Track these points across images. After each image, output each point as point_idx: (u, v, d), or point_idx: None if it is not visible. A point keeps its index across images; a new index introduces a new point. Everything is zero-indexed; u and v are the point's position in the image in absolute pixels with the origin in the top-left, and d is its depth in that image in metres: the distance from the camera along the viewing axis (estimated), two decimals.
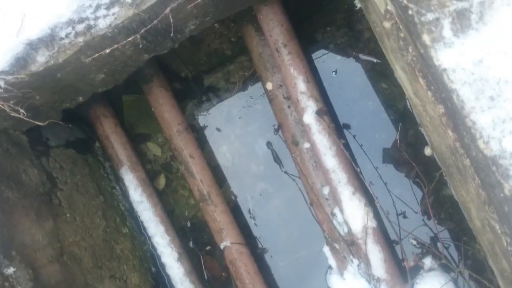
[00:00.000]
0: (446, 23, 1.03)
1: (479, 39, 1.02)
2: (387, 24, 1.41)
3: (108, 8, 1.82)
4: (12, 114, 1.98)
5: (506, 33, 1.00)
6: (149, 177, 2.82)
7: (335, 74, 2.72)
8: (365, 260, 2.32)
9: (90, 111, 2.72)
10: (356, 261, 2.38)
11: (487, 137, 1.02)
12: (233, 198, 2.84)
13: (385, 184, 2.67)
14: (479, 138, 1.02)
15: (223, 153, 2.88)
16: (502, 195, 1.04)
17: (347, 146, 2.57)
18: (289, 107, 2.55)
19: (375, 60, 2.65)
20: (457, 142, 1.41)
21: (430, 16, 1.03)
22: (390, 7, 1.37)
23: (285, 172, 2.75)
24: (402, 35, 1.43)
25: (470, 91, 1.02)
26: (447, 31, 1.03)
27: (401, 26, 1.31)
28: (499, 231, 1.44)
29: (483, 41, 1.02)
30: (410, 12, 1.04)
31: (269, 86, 2.58)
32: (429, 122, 1.68)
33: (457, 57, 1.03)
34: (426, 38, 1.03)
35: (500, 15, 1.00)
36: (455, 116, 1.07)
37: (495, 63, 1.02)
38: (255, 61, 2.61)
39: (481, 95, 1.02)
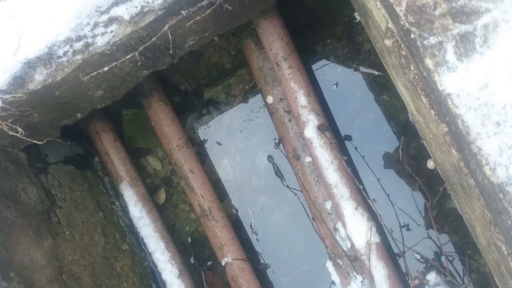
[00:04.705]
0: (450, 47, 1.00)
1: (484, 63, 0.99)
2: (388, 42, 1.39)
3: (106, 25, 1.80)
4: (10, 133, 1.96)
5: (511, 57, 0.97)
6: (149, 192, 2.79)
7: (336, 86, 2.70)
8: (369, 277, 2.29)
9: (89, 126, 2.70)
10: (359, 278, 2.35)
11: (494, 163, 0.99)
12: (234, 212, 2.81)
13: (388, 196, 2.64)
14: (485, 164, 0.99)
15: (224, 167, 2.86)
16: (509, 222, 1.01)
17: (349, 161, 2.54)
18: (290, 120, 2.53)
19: (376, 73, 2.63)
20: (461, 162, 1.39)
21: (433, 40, 1.00)
22: (391, 25, 1.35)
23: (287, 186, 2.72)
24: (403, 53, 1.41)
25: (476, 116, 0.99)
26: (450, 55, 1.00)
27: (402, 46, 1.29)
28: (506, 252, 1.41)
29: (488, 65, 0.99)
30: (412, 36, 1.01)
31: (269, 99, 2.56)
32: (432, 139, 1.65)
33: (462, 81, 1.00)
34: (429, 62, 1.01)
35: (505, 39, 0.98)
36: (460, 141, 1.05)
37: (501, 88, 0.99)
38: (255, 75, 2.59)
39: (487, 120, 0.99)
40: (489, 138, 0.99)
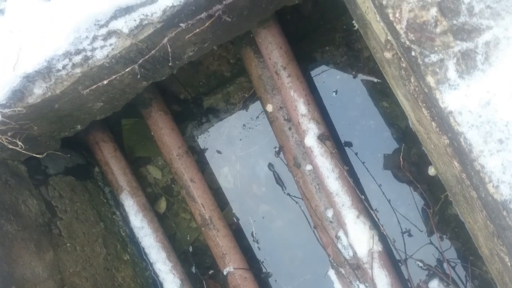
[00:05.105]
0: (451, 64, 1.00)
1: (486, 80, 0.99)
2: (388, 55, 1.38)
3: (105, 39, 1.80)
4: (10, 147, 1.96)
5: None
6: (150, 201, 2.78)
7: (336, 94, 2.69)
8: (371, 285, 2.28)
9: (89, 136, 2.69)
10: (362, 286, 2.34)
11: (497, 181, 0.98)
12: (235, 220, 2.81)
13: (389, 202, 2.64)
14: (488, 182, 0.99)
15: (224, 175, 2.85)
16: None
17: (351, 169, 2.54)
18: (290, 129, 2.52)
19: (375, 80, 2.63)
20: (463, 174, 1.38)
21: (434, 58, 1.00)
22: (390, 38, 1.35)
23: (288, 194, 2.71)
24: (403, 65, 1.40)
25: (478, 134, 0.99)
26: (452, 73, 1.00)
27: (402, 59, 1.29)
28: (509, 264, 1.40)
29: (490, 83, 0.99)
30: (413, 53, 1.01)
31: (269, 108, 2.56)
32: (433, 149, 1.65)
33: (463, 99, 1.00)
34: (430, 79, 1.00)
35: (507, 56, 0.97)
36: (462, 157, 1.04)
37: (503, 105, 0.98)
38: (255, 83, 2.58)
39: (490, 138, 0.99)
40: (492, 155, 0.99)
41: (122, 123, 2.85)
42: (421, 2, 0.98)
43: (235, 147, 2.83)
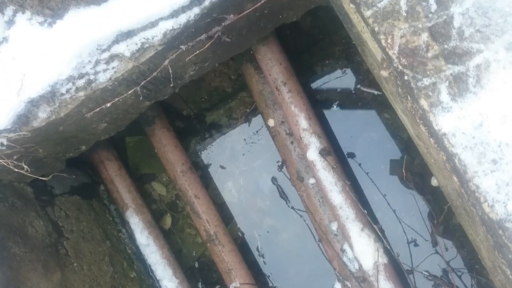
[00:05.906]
0: (443, 88, 1.02)
1: (478, 102, 1.01)
2: (384, 73, 1.40)
3: (107, 62, 1.83)
4: (16, 170, 1.99)
5: (504, 95, 0.99)
6: (155, 217, 2.81)
7: (337, 107, 2.71)
8: None
9: (94, 155, 2.73)
10: None
11: (492, 200, 1.00)
12: (240, 235, 2.82)
13: (394, 211, 2.64)
14: (483, 202, 1.00)
15: (229, 190, 2.87)
16: (510, 256, 1.01)
17: (354, 181, 2.55)
18: (292, 143, 2.54)
19: (376, 92, 2.65)
20: (462, 189, 1.39)
21: (426, 81, 1.02)
22: (385, 57, 1.37)
23: (292, 208, 2.73)
24: (400, 83, 1.42)
25: (472, 155, 1.01)
26: (444, 96, 1.02)
27: (398, 78, 1.31)
28: (511, 277, 1.41)
29: (482, 105, 1.01)
30: (406, 77, 1.03)
31: (271, 122, 2.58)
32: (433, 163, 1.66)
33: (456, 121, 1.02)
34: (423, 103, 1.02)
35: (497, 78, 0.99)
36: (459, 175, 1.06)
37: (495, 126, 1.00)
38: (256, 99, 2.61)
39: (483, 158, 1.00)
40: (486, 176, 1.00)
41: (127, 141, 2.89)
42: (413, 28, 1.00)
43: (239, 161, 2.85)
